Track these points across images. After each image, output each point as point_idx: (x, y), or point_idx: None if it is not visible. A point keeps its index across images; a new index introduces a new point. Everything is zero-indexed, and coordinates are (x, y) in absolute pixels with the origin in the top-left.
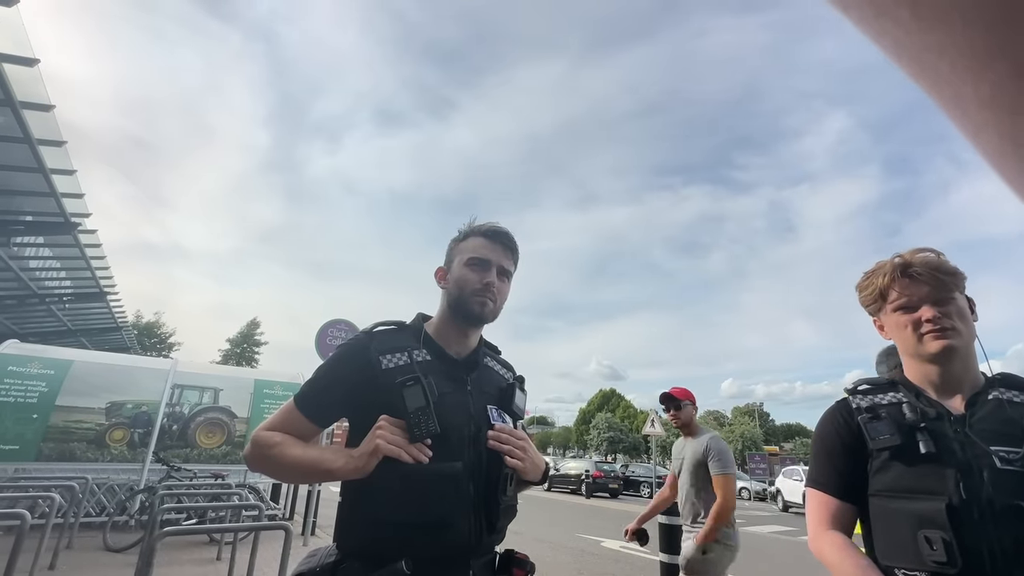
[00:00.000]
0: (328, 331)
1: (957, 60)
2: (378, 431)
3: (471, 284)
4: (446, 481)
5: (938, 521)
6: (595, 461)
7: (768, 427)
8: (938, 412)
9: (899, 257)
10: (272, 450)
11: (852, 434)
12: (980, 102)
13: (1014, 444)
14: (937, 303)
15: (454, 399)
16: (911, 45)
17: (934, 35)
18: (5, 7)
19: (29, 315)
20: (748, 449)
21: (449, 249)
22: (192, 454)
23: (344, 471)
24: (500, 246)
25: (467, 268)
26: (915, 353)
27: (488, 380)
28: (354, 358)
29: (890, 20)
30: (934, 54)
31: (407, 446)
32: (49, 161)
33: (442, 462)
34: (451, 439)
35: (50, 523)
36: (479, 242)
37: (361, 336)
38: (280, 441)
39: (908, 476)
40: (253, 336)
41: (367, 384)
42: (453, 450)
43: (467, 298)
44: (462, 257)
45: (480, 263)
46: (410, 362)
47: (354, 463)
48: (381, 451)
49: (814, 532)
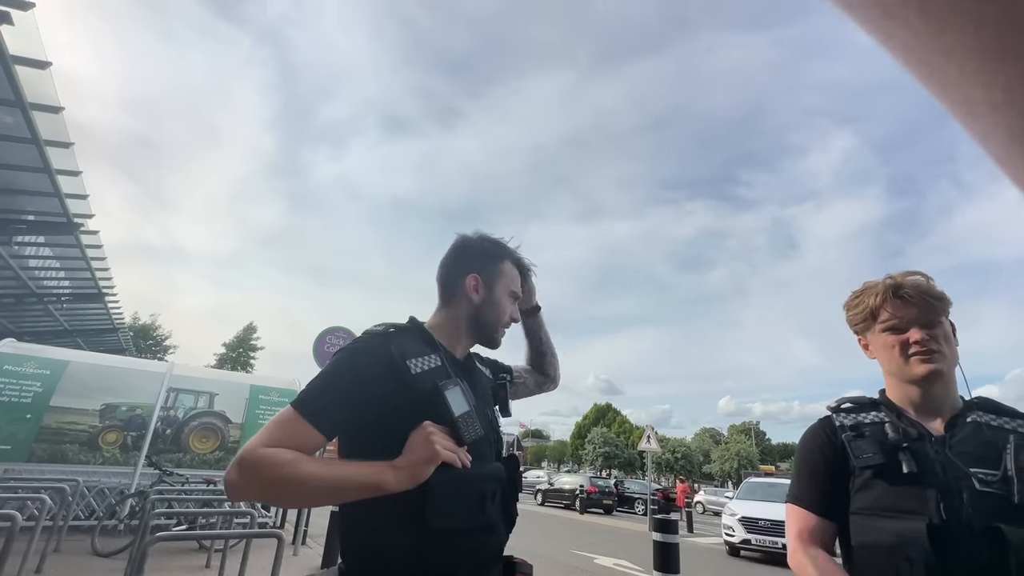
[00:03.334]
0: (327, 338)
1: (966, 63)
2: (430, 436)
3: (507, 316)
4: (494, 483)
5: (919, 541)
6: (590, 476)
7: (764, 446)
8: (920, 432)
9: (890, 279)
10: (283, 469)
11: (835, 452)
12: (991, 105)
13: (991, 466)
14: (925, 326)
15: None
16: (919, 48)
17: (943, 37)
18: (21, 11)
19: (26, 314)
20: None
21: (484, 263)
22: (185, 459)
23: (398, 484)
24: (527, 285)
25: (508, 299)
26: (900, 374)
27: (480, 382)
28: (373, 359)
29: (898, 22)
30: (943, 57)
31: (460, 451)
32: (55, 162)
33: (483, 465)
34: (482, 443)
35: (39, 526)
36: (517, 275)
37: (375, 337)
38: (292, 459)
39: (890, 495)
40: (249, 341)
41: (394, 387)
42: (483, 453)
43: (499, 328)
44: (505, 284)
45: (517, 299)
46: (442, 364)
47: (408, 473)
48: (440, 457)
49: (794, 547)
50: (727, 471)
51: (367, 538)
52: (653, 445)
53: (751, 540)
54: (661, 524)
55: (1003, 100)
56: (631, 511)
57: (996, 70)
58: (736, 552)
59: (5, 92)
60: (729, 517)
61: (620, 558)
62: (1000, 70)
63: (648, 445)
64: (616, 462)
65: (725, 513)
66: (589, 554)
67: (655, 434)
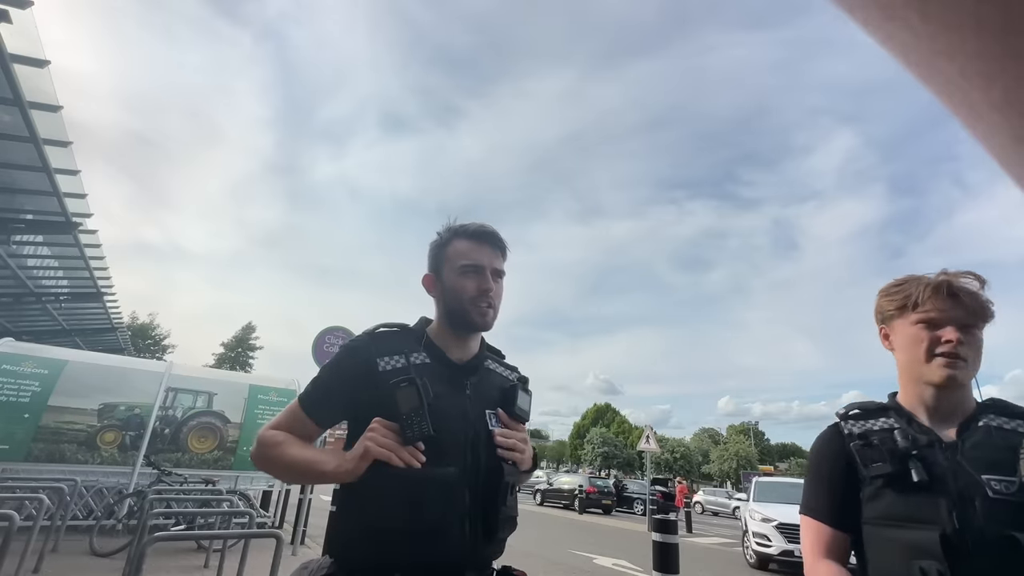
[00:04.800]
0: (326, 338)
1: (967, 64)
2: (369, 433)
3: (468, 293)
4: (439, 486)
5: (932, 551)
6: (589, 476)
7: (763, 446)
8: (930, 439)
9: (944, 274)
10: (274, 449)
11: (845, 461)
12: (991, 105)
13: (1005, 473)
14: (962, 328)
15: (450, 402)
16: (920, 49)
17: (944, 39)
18: (19, 9)
19: (25, 314)
20: (743, 468)
21: (433, 254)
22: (183, 458)
23: (335, 473)
24: (488, 246)
25: (461, 276)
26: (917, 373)
27: (489, 383)
28: (353, 358)
29: (899, 23)
30: (944, 58)
31: (398, 449)
32: (54, 161)
33: (436, 467)
34: (445, 443)
35: (37, 525)
36: (467, 245)
37: (363, 337)
38: (282, 440)
39: (901, 504)
40: (248, 340)
41: (365, 384)
42: (448, 455)
43: (467, 308)
44: (452, 263)
45: (474, 269)
46: (406, 364)
47: (345, 465)
48: (371, 454)
49: (810, 562)
50: (726, 471)
51: (334, 528)
52: (652, 445)
53: (794, 551)
54: (660, 524)
55: (1004, 101)
56: (630, 511)
57: (997, 71)
58: (765, 565)
59: (3, 91)
60: (761, 524)
61: (619, 558)
62: (1001, 71)
63: (647, 445)
64: (615, 462)
65: (750, 519)
66: (588, 554)
67: (654, 434)
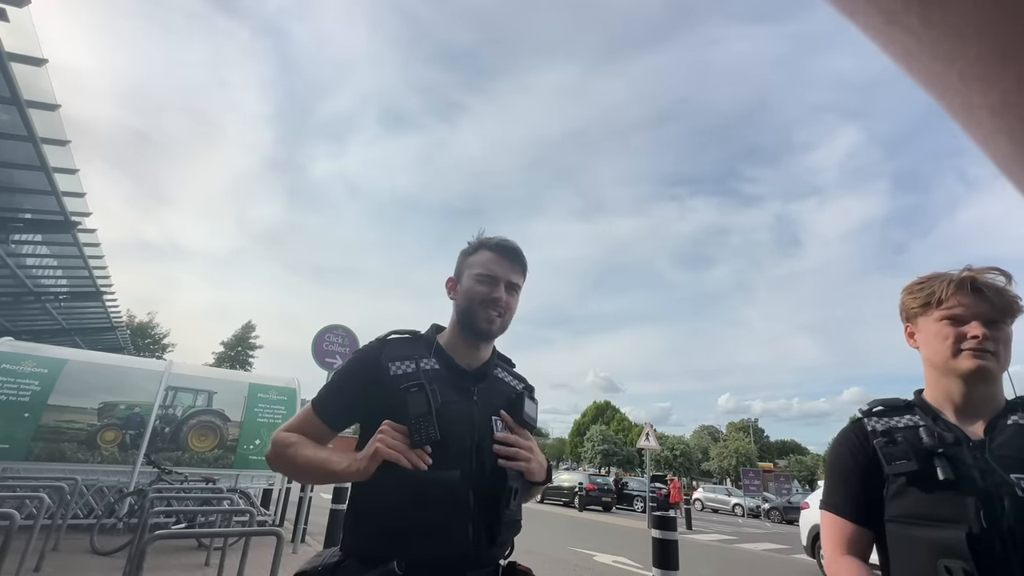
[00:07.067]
0: (325, 336)
1: (966, 68)
2: (379, 435)
3: (479, 297)
4: (442, 488)
5: (959, 550)
6: (589, 474)
7: (763, 443)
8: (956, 437)
9: (968, 270)
10: (288, 449)
11: (867, 457)
12: (990, 109)
13: None
14: (988, 323)
15: (458, 408)
16: (921, 53)
17: (944, 44)
18: (16, 8)
19: (24, 313)
20: (742, 465)
21: (459, 261)
22: (183, 457)
23: (346, 473)
24: (508, 261)
25: (476, 282)
26: (944, 367)
27: (497, 391)
28: (365, 363)
29: (900, 28)
30: (944, 63)
31: (407, 451)
32: (52, 160)
33: (441, 470)
34: (451, 447)
35: (38, 524)
36: (488, 256)
37: (374, 343)
38: (295, 441)
39: (925, 503)
40: (248, 339)
41: (375, 389)
42: (453, 458)
43: (476, 312)
44: (472, 271)
45: (489, 279)
46: (416, 369)
47: (356, 465)
48: (380, 455)
49: (830, 557)
50: (725, 468)
51: (345, 524)
52: (652, 443)
53: None
54: (660, 521)
55: (1002, 105)
56: (630, 508)
57: (995, 76)
58: None
59: (1, 90)
60: None
61: (619, 555)
62: (1000, 76)
63: (647, 443)
64: (615, 460)
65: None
66: (588, 551)
67: (654, 432)
